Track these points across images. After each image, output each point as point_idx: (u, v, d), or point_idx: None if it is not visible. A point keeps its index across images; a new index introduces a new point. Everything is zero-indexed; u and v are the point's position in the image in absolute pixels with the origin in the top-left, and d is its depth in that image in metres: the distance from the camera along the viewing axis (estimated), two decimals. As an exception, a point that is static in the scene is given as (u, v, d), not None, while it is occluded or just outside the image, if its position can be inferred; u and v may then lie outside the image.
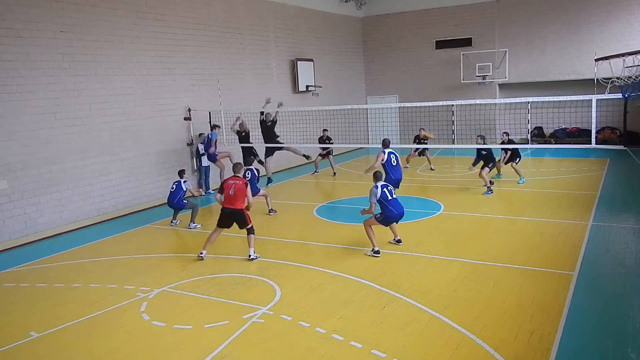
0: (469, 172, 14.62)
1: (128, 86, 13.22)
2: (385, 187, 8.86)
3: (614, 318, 6.21)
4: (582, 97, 10.98)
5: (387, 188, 8.90)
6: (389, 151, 11.05)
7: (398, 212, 8.81)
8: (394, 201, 8.83)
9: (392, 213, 8.78)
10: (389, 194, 8.84)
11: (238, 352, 5.80)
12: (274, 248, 9.63)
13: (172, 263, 9.13)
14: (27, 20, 10.93)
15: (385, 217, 8.82)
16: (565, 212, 10.96)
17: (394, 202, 8.81)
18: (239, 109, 16.14)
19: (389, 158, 10.98)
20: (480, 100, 13.57)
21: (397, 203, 8.87)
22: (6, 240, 10.69)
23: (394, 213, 8.79)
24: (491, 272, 7.77)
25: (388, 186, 8.98)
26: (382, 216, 8.84)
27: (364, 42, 24.48)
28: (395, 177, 10.99)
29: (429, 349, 5.62)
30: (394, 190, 9.16)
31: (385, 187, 8.86)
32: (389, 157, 10.98)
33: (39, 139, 11.25)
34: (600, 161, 16.76)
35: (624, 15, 19.57)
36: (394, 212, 8.77)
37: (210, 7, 15.73)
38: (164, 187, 14.28)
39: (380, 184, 8.85)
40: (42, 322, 6.90)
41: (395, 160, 11.04)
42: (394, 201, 8.83)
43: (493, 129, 20.66)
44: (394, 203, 8.81)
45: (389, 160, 10.98)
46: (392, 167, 11.00)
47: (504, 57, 21.23)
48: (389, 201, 8.78)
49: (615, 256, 8.38)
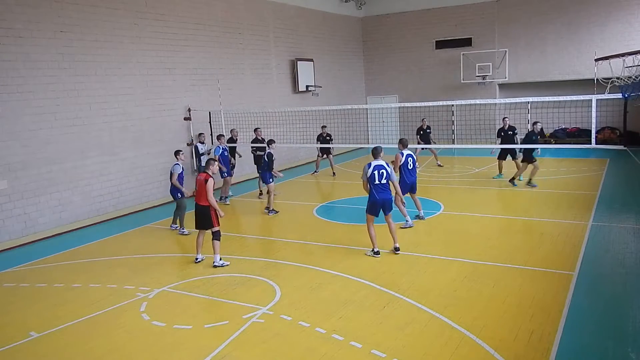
0: (469, 172, 14.62)
1: (128, 86, 13.22)
2: (378, 169, 8.53)
3: (614, 318, 6.21)
4: (582, 97, 10.99)
5: (380, 170, 8.54)
6: (407, 153, 10.61)
7: (379, 197, 8.53)
8: (379, 186, 8.54)
9: (374, 198, 8.57)
10: (378, 177, 8.52)
11: (238, 352, 5.80)
12: (274, 248, 9.63)
13: (172, 263, 9.13)
14: (27, 20, 10.93)
15: (370, 203, 8.63)
16: (565, 212, 10.96)
17: (379, 187, 8.54)
18: (239, 108, 16.16)
19: (406, 161, 10.54)
20: (480, 100, 13.57)
21: (383, 189, 8.56)
22: (6, 240, 10.69)
23: (375, 198, 8.54)
24: (491, 272, 7.77)
25: (382, 168, 8.57)
26: (368, 203, 8.70)
27: (364, 42, 24.48)
28: (410, 181, 10.60)
29: (429, 349, 5.62)
30: (386, 174, 8.65)
31: (378, 169, 8.53)
32: (406, 160, 10.54)
33: (39, 139, 11.25)
34: (600, 161, 16.77)
35: (624, 15, 19.57)
36: (376, 197, 8.54)
37: (210, 7, 15.73)
38: (164, 187, 14.27)
39: (374, 164, 8.55)
40: (42, 322, 6.90)
41: (412, 163, 10.60)
42: (379, 186, 8.54)
43: (493, 129, 20.66)
44: (378, 188, 8.54)
45: (406, 164, 10.53)
46: (408, 170, 10.57)
47: (503, 57, 21.24)
48: (374, 185, 8.55)
49: (615, 256, 8.37)
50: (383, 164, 8.62)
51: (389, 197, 8.75)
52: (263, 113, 16.57)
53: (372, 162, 8.63)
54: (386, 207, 8.72)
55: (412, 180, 10.74)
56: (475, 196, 13.01)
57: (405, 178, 10.59)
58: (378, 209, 8.72)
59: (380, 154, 8.70)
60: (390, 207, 8.78)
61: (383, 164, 8.62)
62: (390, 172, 8.65)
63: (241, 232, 10.86)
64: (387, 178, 8.62)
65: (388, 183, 8.68)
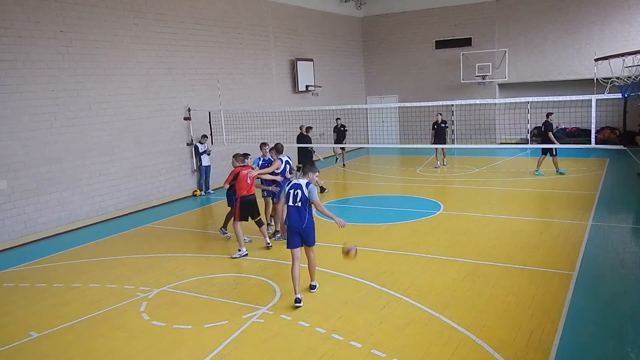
0: (469, 172, 14.62)
1: (128, 86, 13.22)
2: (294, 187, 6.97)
3: (614, 318, 6.21)
4: (582, 97, 10.99)
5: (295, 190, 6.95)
6: (286, 159, 9.63)
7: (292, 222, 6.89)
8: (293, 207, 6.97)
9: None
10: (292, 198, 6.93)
11: (238, 352, 5.80)
12: (274, 248, 9.63)
13: (172, 263, 9.12)
14: (26, 20, 10.93)
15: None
16: (565, 212, 10.96)
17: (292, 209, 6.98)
18: (239, 108, 16.16)
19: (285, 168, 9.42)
20: (480, 100, 13.58)
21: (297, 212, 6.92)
22: (6, 240, 10.69)
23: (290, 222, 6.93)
24: (491, 272, 7.77)
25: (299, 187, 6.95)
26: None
27: (364, 42, 24.48)
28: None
29: (429, 349, 5.62)
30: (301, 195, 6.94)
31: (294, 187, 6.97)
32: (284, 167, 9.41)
33: (39, 139, 11.25)
34: (600, 161, 16.77)
35: (624, 15, 19.59)
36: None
37: (210, 7, 15.73)
38: (164, 187, 14.31)
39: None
40: (42, 322, 6.90)
41: (290, 170, 9.55)
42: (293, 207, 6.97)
43: (493, 129, 20.68)
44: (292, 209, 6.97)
45: (284, 171, 9.49)
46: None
47: (503, 57, 21.24)
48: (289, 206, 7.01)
49: (615, 256, 8.38)
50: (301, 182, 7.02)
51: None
52: (263, 113, 16.58)
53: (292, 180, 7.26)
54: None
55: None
56: (475, 196, 13.02)
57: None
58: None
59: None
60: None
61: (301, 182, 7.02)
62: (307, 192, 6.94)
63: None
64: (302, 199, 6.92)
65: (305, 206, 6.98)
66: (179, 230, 11.38)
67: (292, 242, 7.03)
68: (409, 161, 19.10)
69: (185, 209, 13.53)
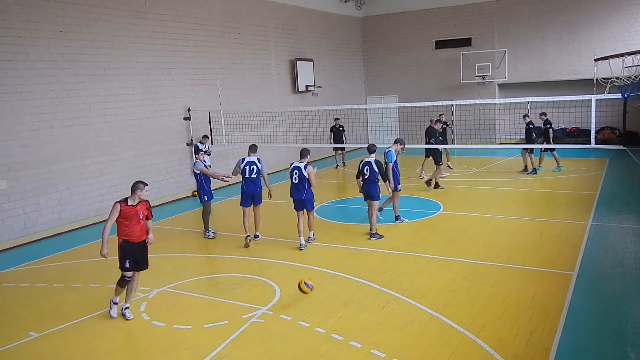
0: (469, 172, 14.62)
1: (128, 86, 13.22)
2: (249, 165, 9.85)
3: (614, 318, 6.21)
4: (582, 97, 11.00)
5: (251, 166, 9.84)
6: (249, 160, 9.89)
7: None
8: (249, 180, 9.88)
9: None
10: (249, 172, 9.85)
11: (238, 352, 5.81)
12: (274, 248, 9.63)
13: (172, 263, 9.13)
14: (26, 20, 10.93)
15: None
16: (565, 212, 10.96)
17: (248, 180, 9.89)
18: (239, 108, 16.16)
19: (244, 169, 9.85)
20: (480, 100, 13.61)
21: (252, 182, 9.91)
22: (5, 240, 10.69)
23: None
24: (491, 272, 7.77)
25: (253, 163, 9.80)
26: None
27: (364, 42, 24.48)
28: (249, 190, 9.81)
29: (429, 349, 5.62)
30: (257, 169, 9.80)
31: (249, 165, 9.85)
32: (243, 169, 9.85)
33: (39, 139, 11.25)
34: (599, 161, 16.78)
35: (624, 15, 19.57)
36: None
37: (210, 7, 15.73)
38: (164, 187, 14.30)
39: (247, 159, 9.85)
40: (42, 322, 6.90)
41: (249, 172, 9.82)
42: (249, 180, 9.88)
43: (493, 129, 20.67)
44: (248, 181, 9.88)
45: (244, 171, 9.84)
46: (244, 178, 9.86)
47: (503, 57, 21.24)
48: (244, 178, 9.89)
49: (614, 256, 8.38)
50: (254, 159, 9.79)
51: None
52: (263, 113, 16.58)
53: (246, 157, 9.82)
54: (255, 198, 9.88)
55: (252, 189, 9.85)
56: (474, 196, 13.02)
57: (244, 185, 9.88)
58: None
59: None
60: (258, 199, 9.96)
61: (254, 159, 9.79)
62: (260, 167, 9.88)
63: (241, 232, 10.82)
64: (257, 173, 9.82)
65: (259, 177, 9.87)
66: (178, 230, 11.38)
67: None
68: (409, 161, 19.09)
69: (185, 209, 13.53)
